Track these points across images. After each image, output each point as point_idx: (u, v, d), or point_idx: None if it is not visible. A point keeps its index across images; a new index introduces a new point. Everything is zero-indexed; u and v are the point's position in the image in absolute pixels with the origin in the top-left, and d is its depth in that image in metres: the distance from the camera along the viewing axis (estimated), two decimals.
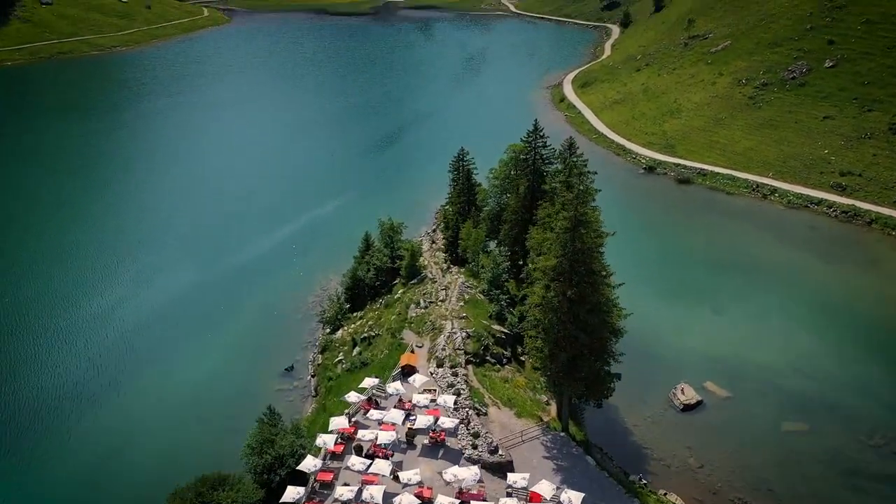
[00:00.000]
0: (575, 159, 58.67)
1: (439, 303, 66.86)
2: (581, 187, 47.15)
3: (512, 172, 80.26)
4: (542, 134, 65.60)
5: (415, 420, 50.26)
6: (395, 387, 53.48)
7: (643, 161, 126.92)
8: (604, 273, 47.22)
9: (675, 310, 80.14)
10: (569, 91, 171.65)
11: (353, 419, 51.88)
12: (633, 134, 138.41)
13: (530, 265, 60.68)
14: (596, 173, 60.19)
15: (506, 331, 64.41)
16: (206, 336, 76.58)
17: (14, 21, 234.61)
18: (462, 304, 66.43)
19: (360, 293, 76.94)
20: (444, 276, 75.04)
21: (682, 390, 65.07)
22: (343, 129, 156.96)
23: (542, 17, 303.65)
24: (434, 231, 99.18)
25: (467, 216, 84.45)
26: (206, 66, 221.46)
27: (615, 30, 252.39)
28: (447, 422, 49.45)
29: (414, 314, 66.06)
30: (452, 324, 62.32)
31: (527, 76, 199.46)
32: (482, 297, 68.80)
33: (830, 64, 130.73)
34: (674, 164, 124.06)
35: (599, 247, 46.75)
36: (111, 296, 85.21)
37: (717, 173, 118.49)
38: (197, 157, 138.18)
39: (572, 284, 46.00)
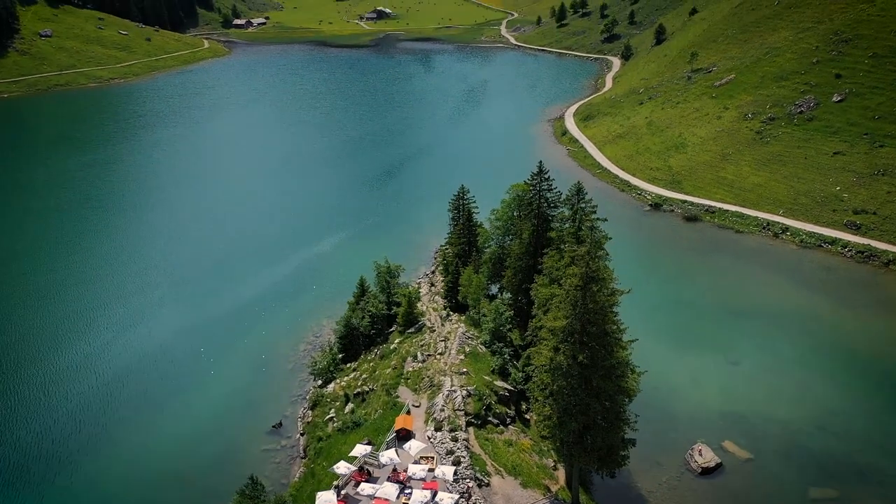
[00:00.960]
0: (583, 205, 54.76)
1: (438, 356, 62.39)
2: (592, 241, 42.91)
3: (514, 213, 76.58)
4: (547, 176, 61.82)
5: (410, 494, 45.49)
6: (388, 455, 48.75)
7: (649, 197, 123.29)
8: (618, 335, 42.91)
9: (689, 361, 75.66)
10: (571, 124, 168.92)
11: (342, 493, 47.09)
12: (637, 169, 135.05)
13: (536, 321, 56.53)
14: (606, 220, 56.30)
15: (509, 387, 59.87)
16: (192, 387, 72.13)
17: (12, 53, 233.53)
18: (462, 357, 61.97)
19: (354, 342, 72.50)
20: (443, 324, 70.70)
21: (699, 451, 60.33)
22: (342, 163, 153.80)
23: (543, 50, 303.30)
24: (433, 272, 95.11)
25: (468, 259, 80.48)
26: (204, 99, 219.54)
27: (616, 62, 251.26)
28: (446, 498, 44.66)
29: (411, 368, 61.57)
30: (452, 380, 57.81)
31: (528, 109, 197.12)
32: (484, 348, 64.39)
33: (839, 98, 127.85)
34: (680, 200, 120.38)
35: (613, 306, 42.53)
36: (95, 342, 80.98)
37: (726, 210, 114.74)
38: (192, 192, 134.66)
39: (584, 348, 41.71)
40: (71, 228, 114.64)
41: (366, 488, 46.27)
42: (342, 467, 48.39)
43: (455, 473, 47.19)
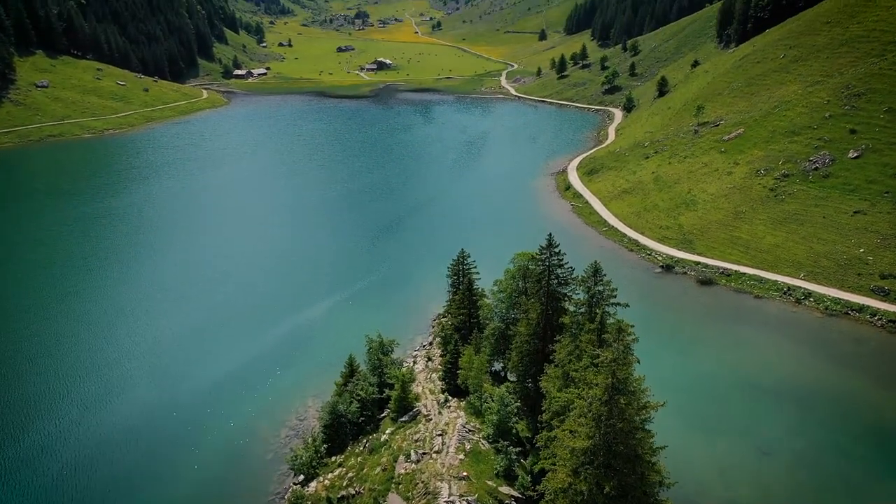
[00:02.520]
0: (601, 288, 47.85)
1: (434, 455, 54.57)
2: (620, 345, 35.87)
3: (520, 285, 69.87)
4: (557, 250, 55.09)
5: None
6: None
7: (659, 258, 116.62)
8: (652, 457, 35.47)
9: (715, 449, 67.81)
10: (574, 178, 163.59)
11: None
12: (645, 227, 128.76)
13: (546, 415, 49.12)
14: (627, 305, 49.29)
15: (516, 494, 51.89)
16: (156, 481, 64.00)
17: (7, 104, 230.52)
18: (462, 456, 54.14)
19: (340, 430, 64.63)
20: (440, 411, 63.00)
21: None
22: (338, 218, 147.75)
23: (543, 101, 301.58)
24: (430, 344, 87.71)
25: (468, 334, 73.38)
26: (199, 150, 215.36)
27: (618, 114, 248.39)
28: None
29: (403, 470, 53.68)
30: (450, 487, 49.96)
31: (530, 161, 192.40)
32: (486, 444, 56.62)
33: (855, 154, 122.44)
34: (693, 262, 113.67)
35: (645, 422, 35.23)
36: (60, 422, 73.10)
37: (743, 273, 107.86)
38: (180, 250, 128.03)
39: (611, 473, 34.27)
40: (49, 290, 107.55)
41: None
42: None
43: None
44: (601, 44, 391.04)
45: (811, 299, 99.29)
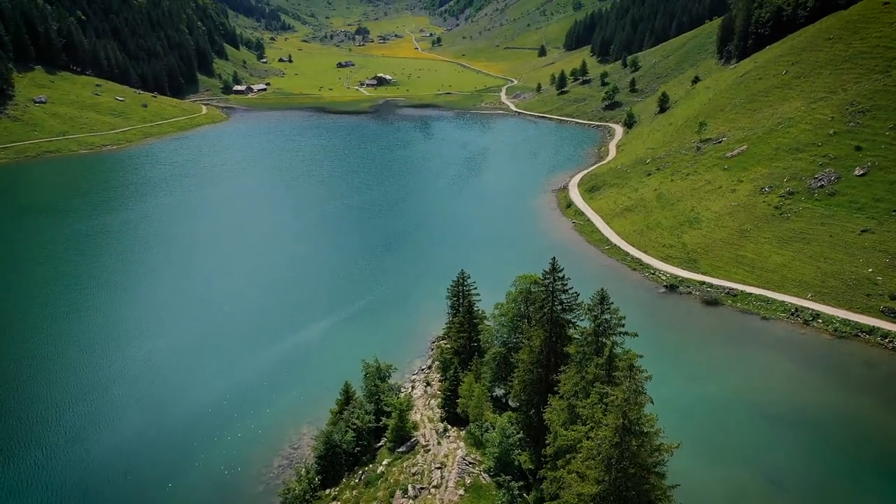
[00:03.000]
0: (608, 316, 45.51)
1: (432, 490, 52.00)
2: (631, 384, 33.52)
3: (522, 307, 67.61)
4: (561, 274, 52.82)
5: None
6: None
7: (663, 278, 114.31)
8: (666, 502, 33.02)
9: (723, 477, 65.20)
10: (575, 195, 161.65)
11: None
12: (649, 246, 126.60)
13: (549, 448, 46.67)
14: (636, 335, 46.87)
15: None
16: None
17: (4, 119, 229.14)
18: (462, 492, 51.56)
19: (335, 461, 61.97)
20: (439, 441, 60.45)
21: None
22: (337, 235, 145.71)
23: (543, 116, 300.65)
24: (429, 367, 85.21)
25: (469, 360, 71.00)
26: (197, 166, 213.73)
27: (618, 130, 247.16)
28: None
29: None
30: None
31: (530, 178, 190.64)
32: (487, 477, 54.04)
33: (861, 172, 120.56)
34: (698, 281, 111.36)
35: (658, 465, 32.82)
36: (45, 450, 70.44)
37: (749, 294, 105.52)
38: (175, 268, 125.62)
39: None
40: (38, 311, 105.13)
41: None
42: None
43: None
44: (601, 60, 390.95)
45: (819, 321, 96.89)
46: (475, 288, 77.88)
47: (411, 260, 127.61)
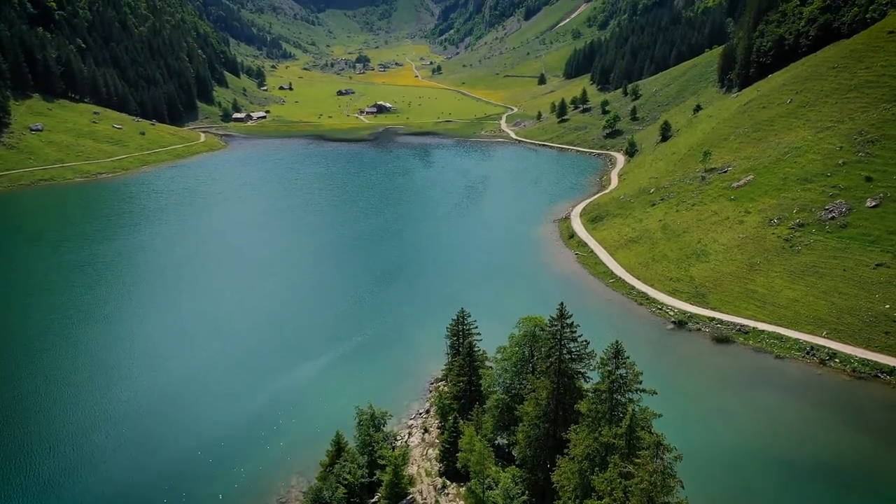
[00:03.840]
0: (623, 371, 41.29)
1: None
2: (658, 465, 29.28)
3: (526, 352, 63.46)
4: (570, 321, 48.73)
5: None
6: None
7: (671, 313, 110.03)
8: None
9: None
10: (578, 226, 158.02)
11: None
12: (655, 279, 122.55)
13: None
14: (655, 392, 42.58)
15: None
16: None
17: None
18: None
19: None
20: (437, 499, 55.83)
21: None
22: (333, 267, 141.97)
23: (544, 144, 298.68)
24: (427, 412, 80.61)
25: (469, 407, 66.56)
26: (193, 195, 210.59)
27: (620, 158, 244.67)
28: None
29: None
30: None
31: (532, 207, 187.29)
32: None
33: (873, 203, 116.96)
34: (707, 317, 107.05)
35: None
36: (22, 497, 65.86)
37: (761, 331, 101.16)
38: (166, 302, 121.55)
39: None
40: (22, 346, 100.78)
41: None
42: None
43: None
44: (601, 88, 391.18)
45: (836, 360, 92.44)
46: (475, 327, 74.00)
47: (410, 293, 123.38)
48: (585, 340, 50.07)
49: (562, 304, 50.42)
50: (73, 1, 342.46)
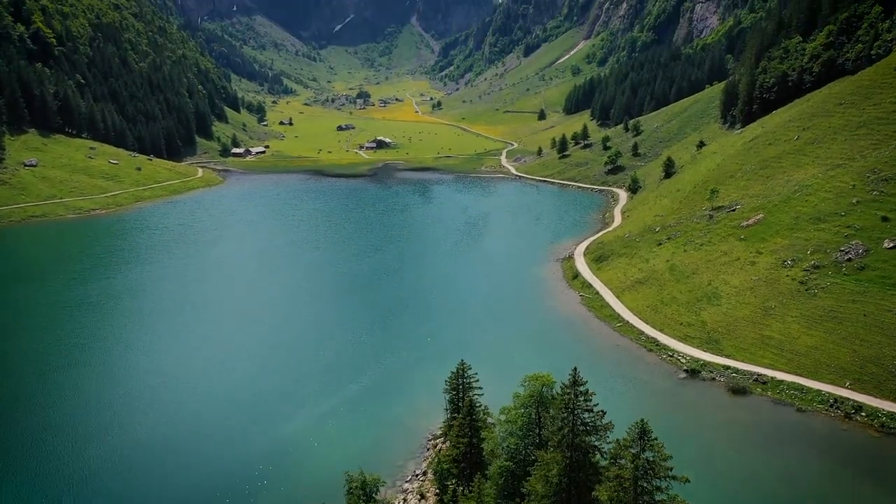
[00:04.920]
0: (651, 455, 35.65)
1: None
2: None
3: (533, 414, 57.82)
4: (584, 389, 43.23)
5: None
6: None
7: (683, 361, 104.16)
8: None
9: None
10: (582, 265, 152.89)
11: None
12: (664, 324, 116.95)
13: None
14: (688, 480, 36.95)
15: None
16: None
17: None
18: None
19: None
20: None
21: None
22: (329, 308, 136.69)
23: (544, 180, 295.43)
24: (424, 474, 74.41)
25: (472, 474, 60.61)
26: (187, 231, 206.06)
27: (622, 194, 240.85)
28: None
29: None
30: None
31: (534, 245, 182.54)
32: None
33: (891, 245, 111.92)
34: (722, 366, 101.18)
35: None
36: None
37: (780, 381, 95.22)
38: (152, 346, 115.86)
39: None
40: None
41: None
42: None
43: None
44: (601, 123, 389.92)
45: (862, 413, 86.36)
46: (476, 380, 68.71)
47: (407, 339, 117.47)
48: (602, 411, 44.44)
49: (575, 369, 44.91)
50: (74, 37, 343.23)
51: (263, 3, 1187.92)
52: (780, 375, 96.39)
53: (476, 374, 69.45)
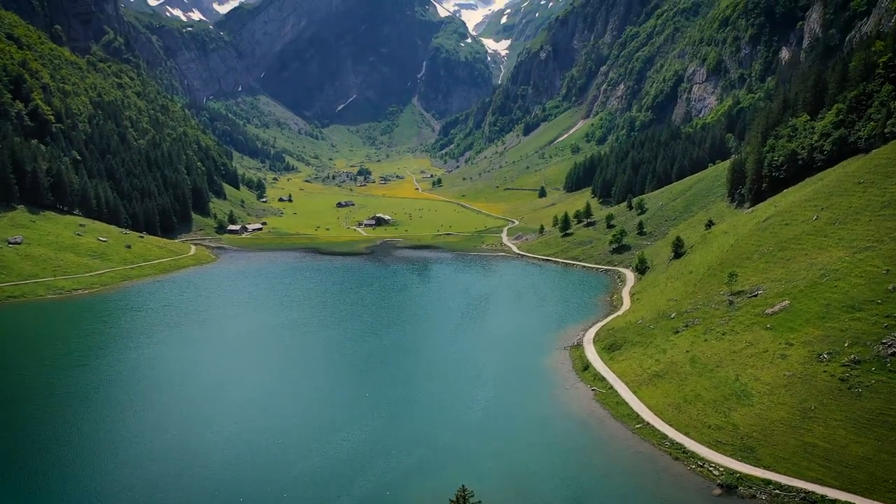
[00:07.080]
0: None
1: None
2: None
3: None
4: None
5: None
6: None
7: (716, 473, 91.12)
8: None
9: None
10: (592, 355, 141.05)
11: None
12: (690, 426, 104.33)
13: None
14: None
15: None
16: None
17: None
18: None
19: None
20: None
21: None
22: (320, 401, 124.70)
23: (547, 259, 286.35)
24: None
25: None
26: (172, 314, 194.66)
27: (629, 275, 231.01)
28: None
29: None
30: None
31: (539, 330, 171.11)
32: None
33: None
34: (762, 480, 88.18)
35: None
36: None
37: (832, 500, 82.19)
38: (131, 443, 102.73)
39: None
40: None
41: None
42: None
43: None
44: (602, 201, 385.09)
45: None
46: None
47: (399, 446, 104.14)
48: None
49: None
50: (74, 115, 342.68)
51: (269, 84, 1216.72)
52: (831, 493, 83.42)
53: (479, 501, 57.79)
